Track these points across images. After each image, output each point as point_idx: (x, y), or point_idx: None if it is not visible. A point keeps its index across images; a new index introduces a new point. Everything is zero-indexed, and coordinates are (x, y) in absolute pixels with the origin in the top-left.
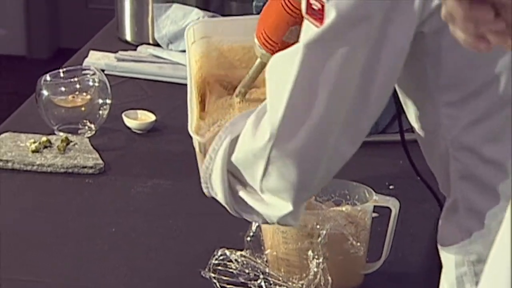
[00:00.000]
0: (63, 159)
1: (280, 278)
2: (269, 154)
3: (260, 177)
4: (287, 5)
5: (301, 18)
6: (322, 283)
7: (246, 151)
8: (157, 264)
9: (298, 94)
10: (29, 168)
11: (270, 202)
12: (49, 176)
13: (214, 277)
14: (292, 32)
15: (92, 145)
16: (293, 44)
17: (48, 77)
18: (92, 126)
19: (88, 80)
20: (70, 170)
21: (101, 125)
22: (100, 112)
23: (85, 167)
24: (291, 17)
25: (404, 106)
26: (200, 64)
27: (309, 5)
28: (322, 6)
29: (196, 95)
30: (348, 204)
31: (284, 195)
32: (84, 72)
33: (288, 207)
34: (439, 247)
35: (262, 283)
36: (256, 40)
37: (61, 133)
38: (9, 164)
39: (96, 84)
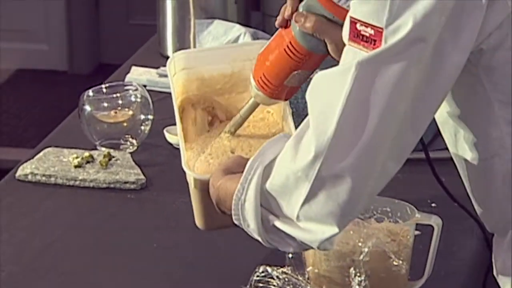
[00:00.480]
0: (105, 175)
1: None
2: (316, 174)
3: (300, 202)
4: (291, 50)
5: (305, 63)
6: None
7: (286, 175)
8: (198, 280)
9: (350, 112)
10: (71, 183)
11: (309, 228)
12: (91, 191)
13: None
14: (294, 76)
15: (134, 160)
16: (295, 88)
17: (90, 93)
18: (134, 141)
19: (130, 96)
20: (112, 185)
21: (143, 141)
22: (142, 127)
23: (127, 182)
24: (294, 62)
25: (454, 138)
26: (182, 95)
27: (356, 32)
28: (375, 31)
29: (181, 127)
30: (390, 221)
31: (329, 218)
32: (126, 87)
33: (333, 230)
34: (499, 277)
35: None
36: (252, 81)
37: (103, 149)
38: (52, 179)
39: (138, 100)
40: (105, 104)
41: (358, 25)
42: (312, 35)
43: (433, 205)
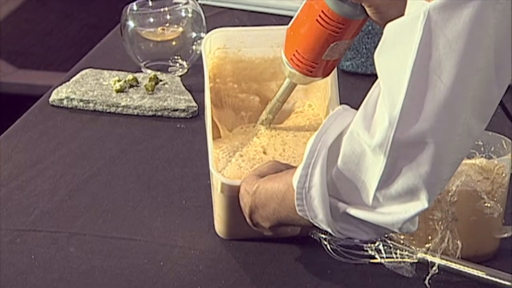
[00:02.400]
0: (151, 101)
1: (402, 242)
2: (391, 143)
3: (376, 181)
4: (324, 20)
5: (343, 33)
6: (450, 248)
7: (358, 152)
8: None
9: (422, 66)
10: (113, 109)
11: (388, 209)
12: (135, 119)
13: (325, 239)
14: (332, 48)
15: (184, 85)
16: (334, 61)
17: (134, 6)
18: (184, 63)
19: (180, 11)
20: (159, 113)
21: (194, 62)
22: (194, 47)
23: (177, 110)
24: (330, 33)
25: None
26: (214, 79)
27: None
28: None
29: (211, 120)
30: (482, 157)
31: (411, 194)
32: (175, 1)
33: (417, 206)
34: None
35: (381, 247)
36: (284, 58)
37: (149, 71)
38: (91, 105)
39: (189, 15)
40: (151, 20)
41: None
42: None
43: None
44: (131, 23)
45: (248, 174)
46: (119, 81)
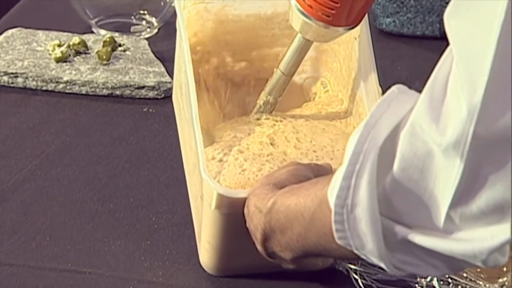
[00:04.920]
0: (107, 74)
1: (465, 275)
2: (471, 141)
3: (450, 194)
4: None
5: None
6: None
7: (422, 153)
8: None
9: (510, 41)
10: (51, 87)
11: (468, 235)
12: (84, 101)
13: (355, 271)
14: None
15: (153, 51)
16: (364, 4)
17: None
18: (153, 20)
19: None
20: (117, 92)
21: (167, 20)
22: None
23: (143, 87)
24: None
25: None
26: (192, 45)
27: None
28: None
29: (195, 95)
30: None
31: (500, 212)
32: None
33: (509, 230)
34: None
35: (435, 282)
36: (294, 3)
37: (103, 31)
38: (19, 80)
39: None
40: None
41: None
42: None
43: None
44: None
45: (258, 182)
46: (60, 45)
